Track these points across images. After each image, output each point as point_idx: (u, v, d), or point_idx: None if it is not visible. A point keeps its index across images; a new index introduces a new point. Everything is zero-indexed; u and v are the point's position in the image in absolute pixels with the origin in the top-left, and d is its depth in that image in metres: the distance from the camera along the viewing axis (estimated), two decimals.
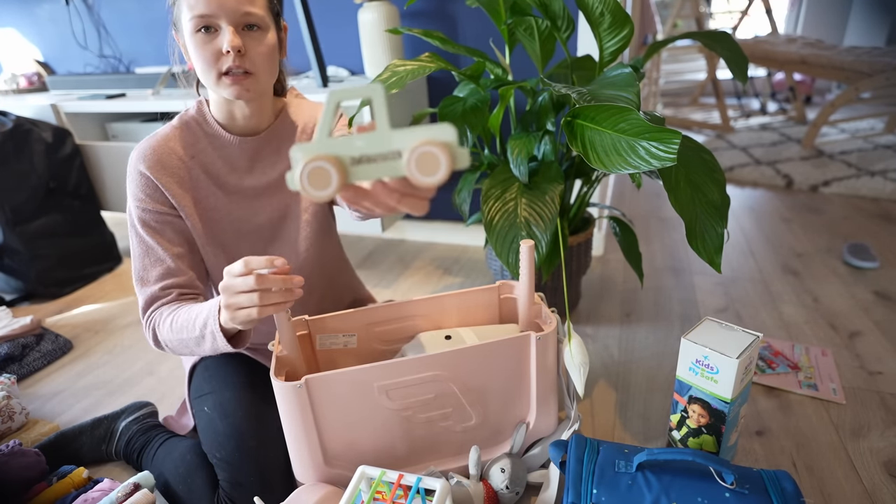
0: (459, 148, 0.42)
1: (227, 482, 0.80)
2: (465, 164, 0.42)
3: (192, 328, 0.75)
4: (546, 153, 1.17)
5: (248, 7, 0.74)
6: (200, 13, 0.73)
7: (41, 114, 1.84)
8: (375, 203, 0.46)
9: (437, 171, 0.41)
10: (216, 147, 0.87)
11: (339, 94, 0.42)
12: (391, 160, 0.42)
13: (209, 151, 0.87)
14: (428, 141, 0.41)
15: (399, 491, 0.66)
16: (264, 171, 0.89)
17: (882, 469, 0.88)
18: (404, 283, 1.63)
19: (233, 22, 0.74)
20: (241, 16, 0.74)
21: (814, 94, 3.68)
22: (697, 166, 0.93)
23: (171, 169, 0.84)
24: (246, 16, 0.75)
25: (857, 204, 1.99)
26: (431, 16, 1.61)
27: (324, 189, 0.42)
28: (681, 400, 0.86)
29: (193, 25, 0.74)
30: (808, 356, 1.16)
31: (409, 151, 0.41)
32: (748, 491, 0.68)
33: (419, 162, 0.41)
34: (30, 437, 1.05)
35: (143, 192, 0.83)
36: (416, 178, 0.41)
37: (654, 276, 1.56)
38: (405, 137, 0.41)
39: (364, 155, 0.42)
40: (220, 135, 0.86)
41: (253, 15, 0.75)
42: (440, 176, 0.42)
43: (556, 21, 1.06)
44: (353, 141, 0.42)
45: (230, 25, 0.74)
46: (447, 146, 0.41)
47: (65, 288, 1.72)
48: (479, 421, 0.87)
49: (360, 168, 0.43)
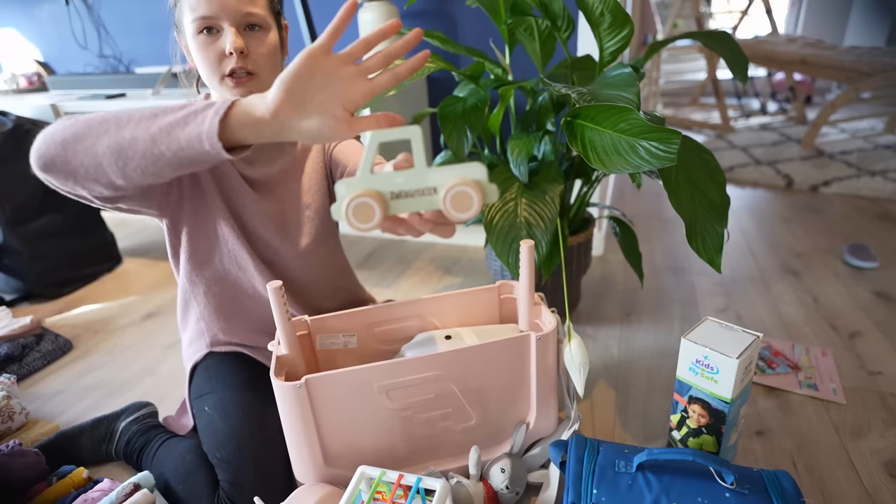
0: (489, 185, 0.47)
1: (227, 482, 0.80)
2: (495, 199, 0.47)
3: (176, 110, 0.55)
4: (546, 153, 1.17)
5: (249, 7, 0.75)
6: (202, 14, 0.73)
7: (41, 114, 1.84)
8: (409, 230, 0.50)
9: (470, 208, 0.46)
10: None
11: (380, 136, 0.47)
12: (427, 195, 0.47)
13: None
14: (462, 181, 0.45)
15: (399, 491, 0.66)
16: (265, 164, 0.90)
17: (882, 469, 0.88)
18: (404, 284, 1.63)
19: (234, 23, 0.74)
20: (243, 16, 0.75)
21: (814, 94, 3.68)
22: (697, 166, 0.93)
23: None
24: (247, 16, 0.75)
25: (858, 204, 1.99)
26: (431, 15, 1.61)
27: (367, 222, 0.47)
28: (681, 400, 0.86)
29: (195, 27, 0.74)
30: (808, 356, 1.16)
31: (445, 190, 0.46)
32: (748, 491, 0.67)
33: (454, 200, 0.46)
34: (30, 437, 1.05)
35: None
36: (451, 214, 0.47)
37: (655, 277, 1.56)
38: (440, 175, 0.46)
39: (403, 191, 0.47)
40: None
41: (254, 15, 0.75)
42: (473, 212, 0.47)
43: (557, 21, 1.06)
44: (394, 178, 0.47)
45: (232, 26, 0.74)
46: (479, 184, 0.46)
47: (65, 288, 1.72)
48: (479, 421, 0.86)
49: (399, 202, 0.47)
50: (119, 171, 0.55)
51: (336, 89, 0.51)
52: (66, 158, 0.54)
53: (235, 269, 0.92)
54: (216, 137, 0.52)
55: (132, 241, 2.13)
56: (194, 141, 0.53)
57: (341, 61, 0.52)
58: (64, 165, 0.54)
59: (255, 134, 0.53)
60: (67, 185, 0.56)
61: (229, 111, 0.53)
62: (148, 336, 1.45)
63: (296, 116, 0.51)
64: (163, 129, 0.53)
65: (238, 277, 0.93)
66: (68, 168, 0.54)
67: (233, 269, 0.92)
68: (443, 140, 1.25)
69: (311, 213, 0.95)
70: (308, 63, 0.51)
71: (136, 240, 2.14)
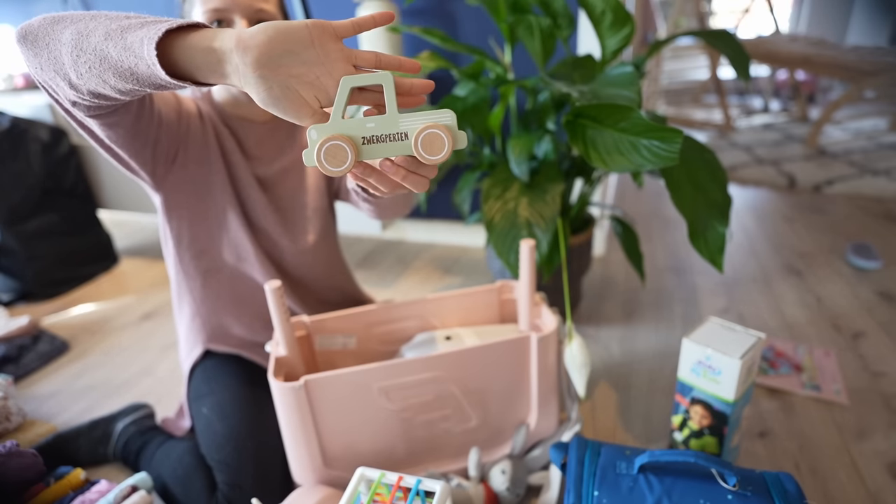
0: (459, 131, 0.48)
1: (225, 484, 0.79)
2: (464, 145, 0.48)
3: (148, 18, 0.49)
4: (547, 152, 1.16)
5: (261, 3, 0.75)
6: (215, 7, 0.74)
7: (37, 113, 1.83)
8: (381, 179, 0.49)
9: (441, 151, 0.47)
10: (226, 125, 0.89)
11: (351, 80, 0.46)
12: (399, 141, 0.48)
13: (221, 128, 0.88)
14: (432, 124, 0.47)
15: (398, 493, 0.66)
16: (265, 163, 0.90)
17: (886, 471, 0.87)
18: (404, 284, 1.62)
19: (246, 16, 0.75)
20: (255, 11, 0.75)
21: (817, 92, 3.67)
22: (699, 165, 0.92)
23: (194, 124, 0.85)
24: (259, 12, 0.76)
25: (861, 204, 1.98)
26: (431, 14, 1.60)
27: (339, 166, 0.47)
28: (683, 401, 0.85)
29: (207, 20, 0.75)
30: (811, 357, 1.16)
31: (416, 133, 0.47)
32: (751, 493, 0.67)
33: (425, 142, 0.47)
34: (27, 438, 1.05)
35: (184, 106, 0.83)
36: (423, 156, 0.47)
37: (656, 277, 1.55)
38: (411, 121, 0.47)
39: (374, 135, 0.47)
40: (228, 114, 0.88)
41: (265, 11, 0.76)
42: (444, 155, 0.48)
43: (557, 19, 1.06)
44: (365, 123, 0.47)
45: (243, 20, 0.74)
46: (449, 129, 0.47)
47: (61, 288, 1.71)
48: (479, 422, 0.86)
49: (371, 147, 0.48)
50: (73, 63, 0.49)
51: (320, 73, 0.46)
52: (38, 35, 0.51)
53: (234, 260, 0.92)
54: (153, 45, 0.44)
55: (129, 241, 2.13)
56: (136, 45, 0.45)
57: (343, 55, 0.47)
58: (35, 40, 0.51)
59: (201, 63, 0.45)
60: (34, 64, 0.53)
61: (187, 28, 0.46)
62: (145, 337, 1.44)
63: (260, 69, 0.43)
64: (121, 27, 0.47)
65: (235, 269, 0.92)
66: (38, 45, 0.51)
67: (231, 259, 0.92)
68: None
69: (310, 213, 0.95)
70: (313, 31, 0.45)
71: (133, 240, 2.14)
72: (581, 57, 1.24)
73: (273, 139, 0.90)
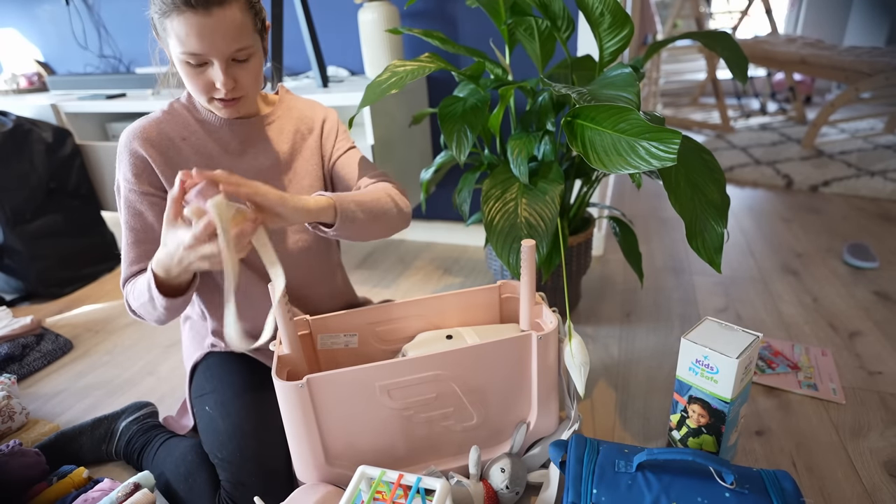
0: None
1: (228, 482, 0.80)
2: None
3: (144, 292, 0.78)
4: (546, 153, 1.17)
5: (237, 44, 0.75)
6: (192, 51, 0.74)
7: (41, 114, 1.84)
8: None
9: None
10: (208, 130, 0.88)
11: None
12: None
13: (201, 134, 0.88)
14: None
15: (399, 491, 0.67)
16: (256, 156, 0.90)
17: (882, 469, 0.88)
18: (404, 283, 1.63)
19: (223, 60, 0.75)
20: (232, 53, 0.76)
21: (814, 94, 3.68)
22: (697, 166, 0.93)
23: (163, 149, 0.85)
24: (236, 52, 0.76)
25: (857, 204, 1.99)
26: (431, 16, 1.61)
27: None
28: (681, 400, 0.86)
29: (183, 61, 0.76)
30: (807, 356, 1.17)
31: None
32: (748, 491, 0.68)
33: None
34: (30, 436, 1.05)
35: (132, 173, 0.84)
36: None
37: (654, 276, 1.56)
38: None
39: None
40: (210, 119, 0.88)
41: (242, 49, 0.76)
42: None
43: (556, 21, 1.07)
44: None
45: (221, 62, 0.75)
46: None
47: (65, 288, 1.72)
48: (479, 421, 0.87)
49: None
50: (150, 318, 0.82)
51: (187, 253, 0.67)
52: (136, 313, 0.83)
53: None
54: (158, 291, 0.75)
55: None
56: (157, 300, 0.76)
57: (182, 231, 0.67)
58: (136, 314, 0.83)
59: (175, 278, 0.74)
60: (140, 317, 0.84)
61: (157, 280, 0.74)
62: (148, 336, 1.45)
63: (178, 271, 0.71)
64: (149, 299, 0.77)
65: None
66: (137, 315, 0.83)
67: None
68: (443, 140, 1.25)
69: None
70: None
71: None
72: (580, 58, 1.25)
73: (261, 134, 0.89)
